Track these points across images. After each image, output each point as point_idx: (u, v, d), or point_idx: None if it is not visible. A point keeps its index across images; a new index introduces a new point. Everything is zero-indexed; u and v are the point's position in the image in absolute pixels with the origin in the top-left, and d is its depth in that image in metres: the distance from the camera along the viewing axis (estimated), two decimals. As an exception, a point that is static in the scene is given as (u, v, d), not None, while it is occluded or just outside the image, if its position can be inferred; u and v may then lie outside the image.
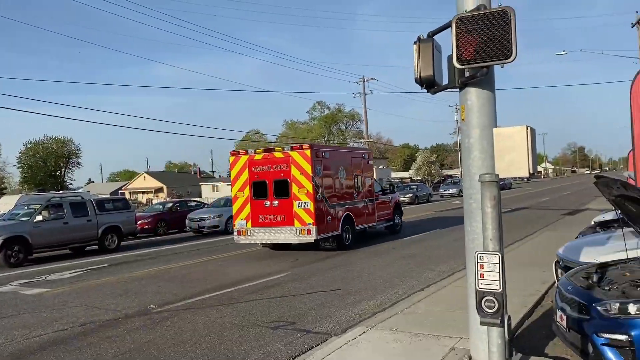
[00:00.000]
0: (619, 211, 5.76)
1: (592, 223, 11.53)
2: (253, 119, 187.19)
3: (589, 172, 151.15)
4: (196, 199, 36.61)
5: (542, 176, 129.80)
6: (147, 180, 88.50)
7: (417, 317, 7.18)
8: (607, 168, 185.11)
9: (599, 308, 4.64)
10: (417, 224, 22.61)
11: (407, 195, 38.88)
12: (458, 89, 4.98)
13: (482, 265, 3.89)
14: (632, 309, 4.43)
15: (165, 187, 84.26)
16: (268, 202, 14.55)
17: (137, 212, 26.58)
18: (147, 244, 20.70)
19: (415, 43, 4.87)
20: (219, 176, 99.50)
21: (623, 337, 4.40)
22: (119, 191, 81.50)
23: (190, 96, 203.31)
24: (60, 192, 39.53)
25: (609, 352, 4.49)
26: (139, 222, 22.97)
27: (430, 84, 4.95)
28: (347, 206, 15.60)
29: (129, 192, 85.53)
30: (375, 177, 21.30)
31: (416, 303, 8.03)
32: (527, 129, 4.50)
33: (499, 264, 3.80)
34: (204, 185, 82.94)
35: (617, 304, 4.53)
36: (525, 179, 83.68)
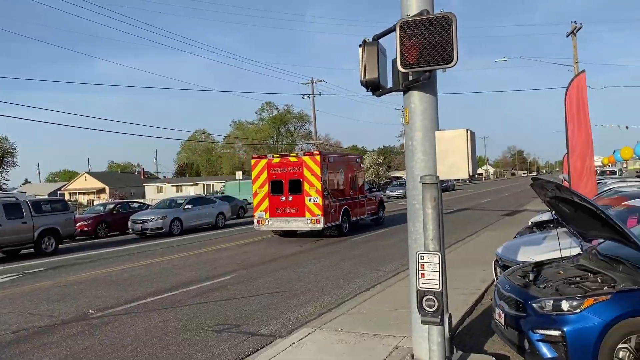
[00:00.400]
0: (554, 212, 6.01)
1: (529, 223, 12.02)
2: (200, 118, 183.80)
3: (526, 174, 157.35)
4: (139, 200, 35.61)
5: (484, 178, 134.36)
6: (88, 180, 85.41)
7: (362, 317, 7.25)
8: (544, 171, 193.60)
9: (534, 305, 4.82)
10: (364, 225, 22.84)
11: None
12: (402, 92, 5.06)
13: (423, 265, 3.96)
14: (564, 305, 4.63)
15: (107, 188, 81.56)
16: (284, 197, 17.61)
17: (77, 214, 25.60)
18: (87, 247, 19.95)
19: (360, 46, 4.91)
20: (164, 177, 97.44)
21: (556, 332, 4.59)
22: (58, 192, 78.32)
23: (135, 94, 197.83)
24: (-7, 192, 37.51)
25: (543, 348, 4.68)
26: (78, 224, 22.14)
27: (375, 87, 5.00)
28: (345, 201, 18.74)
29: (69, 193, 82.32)
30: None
31: (361, 303, 8.11)
32: (467, 132, 4.61)
33: (439, 263, 3.88)
34: (148, 186, 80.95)
35: (551, 302, 4.72)
36: (467, 181, 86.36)
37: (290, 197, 17.49)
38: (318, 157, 17.26)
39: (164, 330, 7.43)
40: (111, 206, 26.66)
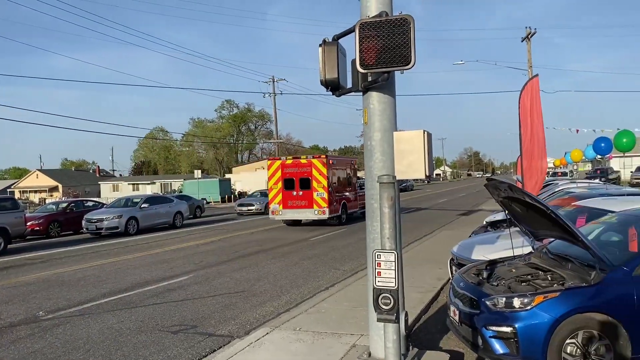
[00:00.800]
0: (507, 212, 6.18)
1: (484, 223, 12.33)
2: (158, 116, 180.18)
3: (480, 175, 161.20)
4: (94, 199, 34.67)
5: (441, 179, 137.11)
6: (40, 178, 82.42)
7: (321, 316, 7.27)
8: (499, 172, 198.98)
9: (487, 302, 4.95)
10: (324, 224, 22.93)
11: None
12: (362, 93, 5.10)
13: (380, 263, 4.00)
14: (516, 303, 4.77)
15: (60, 186, 78.93)
16: (295, 192, 21.08)
17: (28, 213, 24.68)
18: (39, 247, 19.26)
19: (320, 46, 4.91)
20: (120, 175, 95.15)
21: (508, 329, 4.73)
22: (8, 190, 75.34)
23: (90, 90, 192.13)
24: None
25: (496, 344, 4.81)
26: (29, 223, 21.35)
27: (335, 87, 5.01)
28: (343, 196, 22.52)
29: (20, 191, 79.30)
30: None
31: (320, 302, 8.13)
32: (424, 133, 4.69)
33: (395, 262, 3.93)
34: (103, 185, 78.88)
35: (504, 299, 4.86)
36: (426, 181, 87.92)
37: (301, 192, 20.91)
38: (325, 160, 20.77)
39: (119, 332, 7.25)
40: (64, 205, 25.83)
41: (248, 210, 31.50)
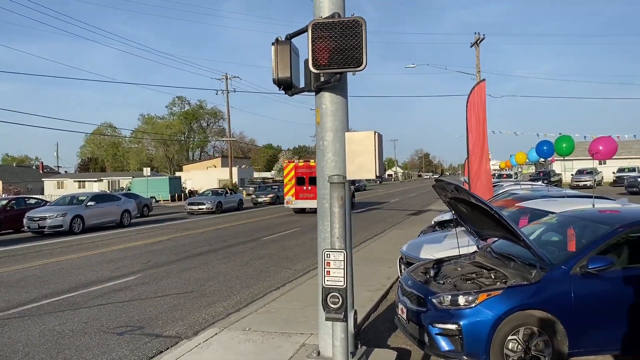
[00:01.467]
0: (454, 212, 6.35)
1: (433, 222, 12.62)
2: (106, 111, 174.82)
3: (428, 177, 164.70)
4: (37, 196, 33.21)
5: (393, 179, 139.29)
6: (-23, 174, 78.41)
7: (271, 316, 7.25)
8: (448, 173, 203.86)
9: (433, 300, 5.07)
10: (277, 224, 22.89)
11: (269, 196, 39.08)
12: (314, 93, 5.12)
13: (329, 262, 4.03)
14: (461, 300, 4.91)
15: (0, 183, 75.38)
16: (305, 187, 26.74)
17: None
18: (-25, 246, 18.32)
19: (273, 44, 4.90)
20: (65, 172, 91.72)
21: (453, 326, 4.86)
22: (-58, 186, 71.32)
23: (35, 83, 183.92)
24: None
25: (441, 341, 4.93)
26: (-36, 221, 20.27)
27: (287, 86, 5.01)
28: None
29: (-45, 187, 75.20)
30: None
31: (270, 302, 8.11)
32: (375, 134, 4.75)
33: (344, 261, 3.97)
34: (47, 182, 75.85)
35: (449, 297, 4.99)
36: (378, 181, 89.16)
37: (310, 187, 26.36)
38: None
39: (60, 334, 7.00)
40: (4, 202, 24.64)
41: (199, 209, 31.01)
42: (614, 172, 49.27)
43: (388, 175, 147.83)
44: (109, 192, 47.67)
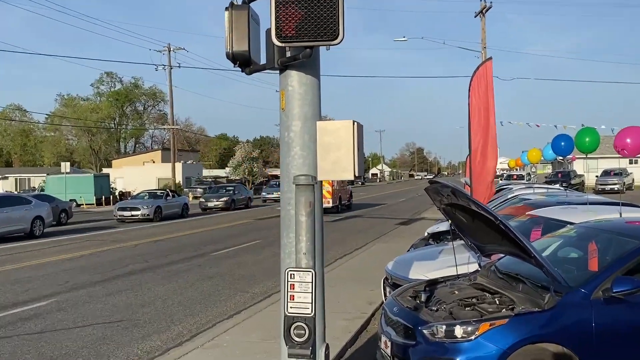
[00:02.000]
0: (450, 221, 6.41)
1: (426, 234, 12.75)
2: (14, 89, 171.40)
3: (422, 177, 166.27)
4: None
5: (378, 179, 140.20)
6: None
7: (222, 352, 7.24)
8: (446, 173, 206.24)
9: (425, 332, 5.11)
10: (231, 235, 22.83)
11: (222, 199, 38.95)
12: (278, 71, 5.11)
13: (293, 284, 3.99)
14: (458, 331, 4.96)
15: None
16: None
17: None
18: None
19: (227, 9, 4.87)
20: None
21: (449, 363, 4.91)
22: None
23: None
24: None
25: (434, 382, 4.98)
26: None
27: (245, 62, 4.97)
28: (340, 191, 34.69)
29: None
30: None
31: (221, 334, 8.09)
32: (354, 124, 4.75)
33: (312, 283, 3.94)
34: None
35: (444, 327, 5.03)
36: (359, 183, 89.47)
37: None
38: None
39: (-50, 376, 6.86)
40: None
41: (132, 215, 30.59)
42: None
43: (372, 174, 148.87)
44: (15, 193, 46.76)
